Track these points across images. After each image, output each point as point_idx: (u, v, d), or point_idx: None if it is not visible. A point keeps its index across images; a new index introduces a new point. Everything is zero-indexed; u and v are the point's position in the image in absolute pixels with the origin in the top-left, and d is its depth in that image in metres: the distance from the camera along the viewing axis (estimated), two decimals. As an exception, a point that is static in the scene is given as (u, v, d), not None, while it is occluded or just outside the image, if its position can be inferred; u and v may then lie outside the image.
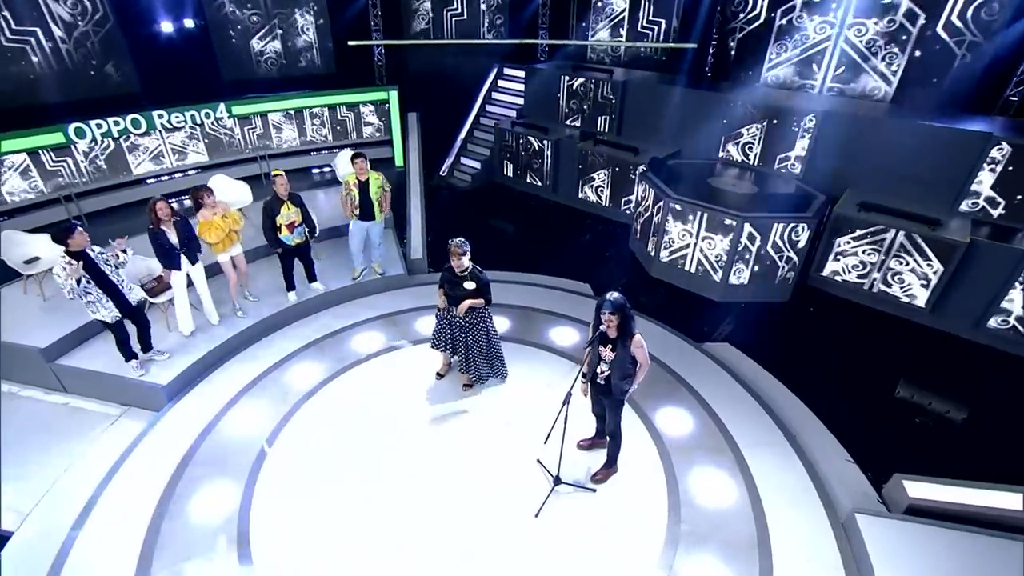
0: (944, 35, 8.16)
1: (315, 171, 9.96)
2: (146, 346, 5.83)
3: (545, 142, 9.95)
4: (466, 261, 5.09)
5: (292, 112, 9.77)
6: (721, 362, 6.31)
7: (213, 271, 6.60)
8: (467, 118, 11.59)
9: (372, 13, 11.49)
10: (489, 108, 11.63)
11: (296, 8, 10.76)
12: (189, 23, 9.95)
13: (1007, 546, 4.16)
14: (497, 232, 9.55)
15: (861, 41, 8.75)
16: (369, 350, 6.47)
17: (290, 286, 6.92)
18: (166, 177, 9.26)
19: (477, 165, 11.10)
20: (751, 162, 8.79)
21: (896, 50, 8.54)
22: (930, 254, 6.75)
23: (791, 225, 7.04)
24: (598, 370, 4.50)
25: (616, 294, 4.26)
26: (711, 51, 10.33)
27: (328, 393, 5.89)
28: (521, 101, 11.23)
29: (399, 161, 10.40)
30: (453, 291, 5.26)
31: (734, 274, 7.41)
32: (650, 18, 10.77)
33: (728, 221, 7.14)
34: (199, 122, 9.23)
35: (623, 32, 11.17)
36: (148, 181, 9.05)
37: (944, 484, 4.70)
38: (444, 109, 11.43)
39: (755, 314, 7.37)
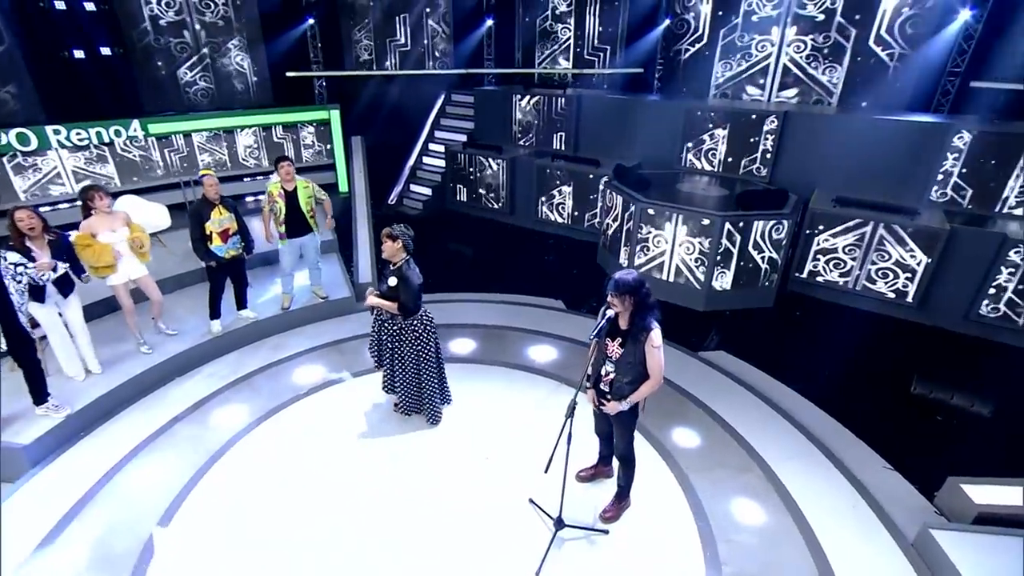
0: (876, 48, 8.06)
1: (249, 199, 8.62)
2: (38, 396, 4.31)
3: (500, 162, 9.12)
4: (390, 250, 3.96)
5: (221, 133, 8.48)
6: (724, 370, 5.36)
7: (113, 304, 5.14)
8: (415, 145, 10.67)
9: (311, 44, 10.57)
10: (438, 134, 10.76)
11: (229, 38, 9.70)
12: (106, 50, 8.67)
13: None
14: (455, 256, 8.47)
15: (801, 56, 8.57)
16: (310, 384, 5.11)
17: (215, 312, 5.52)
18: (65, 205, 7.64)
19: (428, 191, 10.10)
20: (716, 169, 8.23)
21: (834, 63, 8.39)
22: (912, 245, 6.20)
23: (771, 223, 6.36)
24: (602, 372, 3.41)
25: (632, 272, 3.24)
26: (657, 74, 10.00)
27: (257, 439, 4.47)
28: (471, 125, 10.45)
29: (343, 187, 9.25)
30: (379, 287, 4.14)
31: (716, 279, 6.60)
32: (595, 45, 10.39)
33: (706, 222, 6.39)
34: (107, 140, 7.78)
35: (569, 60, 10.74)
36: (40, 209, 7.39)
37: (1008, 485, 3.83)
38: (391, 137, 10.49)
39: (741, 321, 6.54)
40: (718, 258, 6.48)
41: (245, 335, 5.66)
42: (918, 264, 6.23)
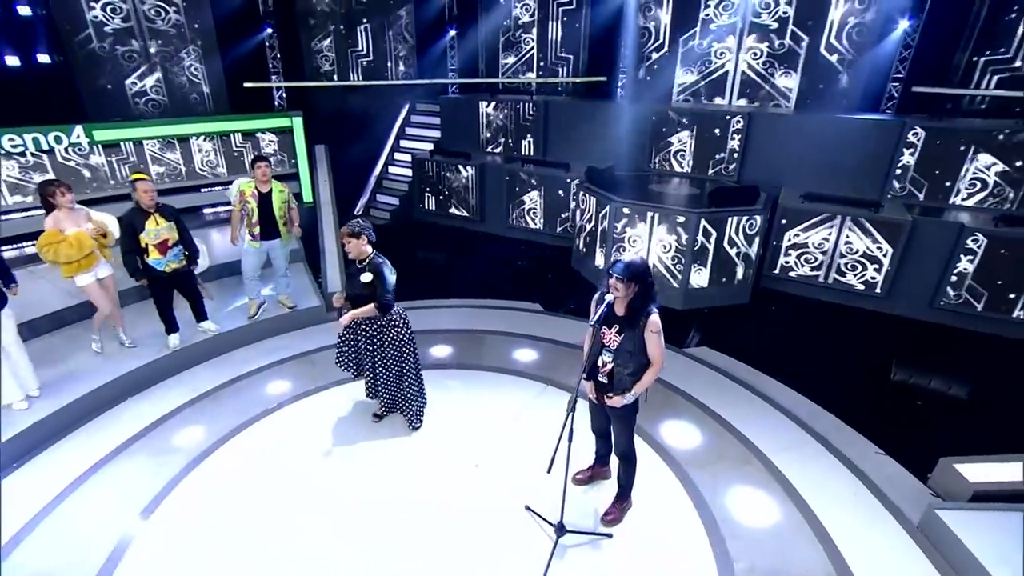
0: (827, 54, 8.31)
1: (207, 210, 8.07)
2: None
3: (469, 168, 8.90)
4: (365, 247, 3.68)
5: (175, 141, 7.93)
6: (711, 365, 5.24)
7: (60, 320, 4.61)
8: (381, 155, 10.35)
9: (270, 55, 10.17)
10: (404, 143, 10.48)
11: (182, 47, 9.20)
12: (44, 58, 8.05)
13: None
14: (426, 264, 8.15)
15: (758, 63, 8.75)
16: (281, 396, 4.70)
17: (171, 327, 5.04)
18: (-5, 216, 6.90)
19: (395, 201, 9.77)
20: (685, 170, 8.25)
21: (789, 69, 8.60)
22: (878, 236, 6.31)
23: (745, 218, 6.35)
24: (598, 362, 3.20)
25: (638, 256, 3.06)
26: (620, 82, 10.04)
27: (224, 458, 4.04)
28: (438, 134, 10.22)
29: (307, 196, 8.81)
30: (350, 287, 3.83)
31: (693, 277, 6.54)
32: (559, 54, 10.38)
33: (682, 219, 6.33)
34: (46, 148, 7.15)
35: (534, 69, 10.68)
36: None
37: (999, 462, 3.80)
38: (355, 148, 10.12)
39: (719, 318, 6.47)
40: (695, 255, 6.42)
41: (207, 349, 5.19)
42: (884, 255, 6.33)
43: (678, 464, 3.98)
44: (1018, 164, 6.32)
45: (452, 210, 9.38)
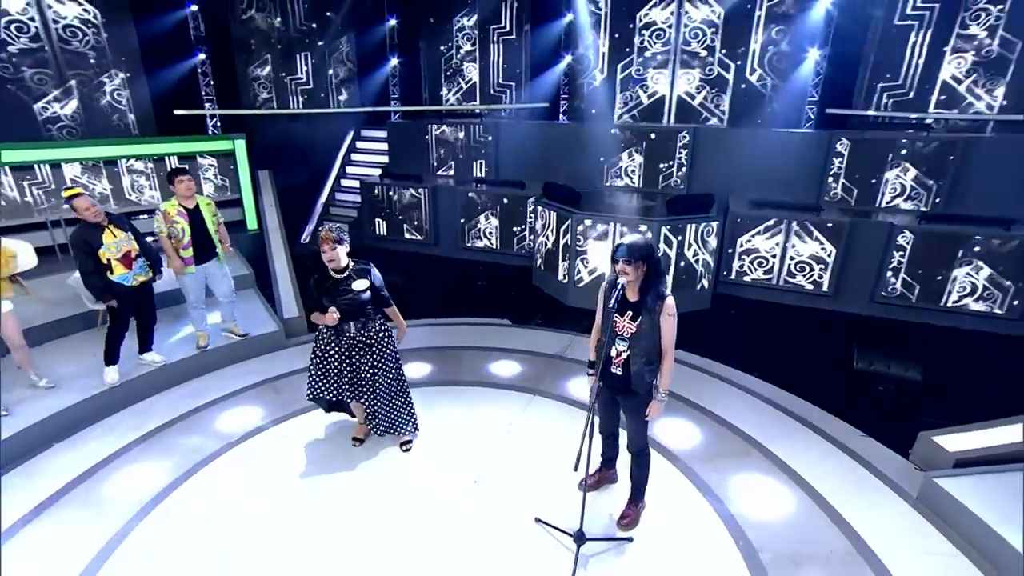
0: (751, 79, 8.97)
1: (148, 239, 7.26)
2: None
3: (421, 191, 8.70)
4: (343, 256, 3.41)
5: (101, 164, 7.16)
6: (692, 365, 5.24)
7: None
8: (326, 182, 9.94)
9: (203, 81, 9.62)
10: (350, 170, 10.14)
11: (102, 70, 8.50)
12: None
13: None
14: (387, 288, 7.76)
15: (692, 87, 9.29)
16: (243, 429, 4.17)
17: (112, 358, 4.40)
18: None
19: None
20: (637, 184, 8.49)
21: (720, 93, 9.19)
22: (822, 238, 6.70)
23: (703, 225, 6.56)
24: (612, 353, 3.05)
25: (640, 236, 2.98)
26: (563, 108, 10.31)
27: (177, 504, 3.48)
28: (385, 159, 9.97)
29: (252, 223, 8.22)
30: (340, 301, 3.43)
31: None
32: (500, 82, 10.54)
33: (643, 227, 6.44)
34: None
35: (477, 96, 10.76)
36: None
37: (973, 431, 3.98)
38: (298, 176, 9.64)
39: (684, 323, 6.53)
40: (657, 263, 6.52)
41: (151, 383, 4.57)
42: (829, 256, 6.72)
43: (681, 461, 3.87)
44: (926, 169, 7.03)
45: (405, 234, 9.10)
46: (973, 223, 6.29)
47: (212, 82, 9.67)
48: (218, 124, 9.83)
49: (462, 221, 8.70)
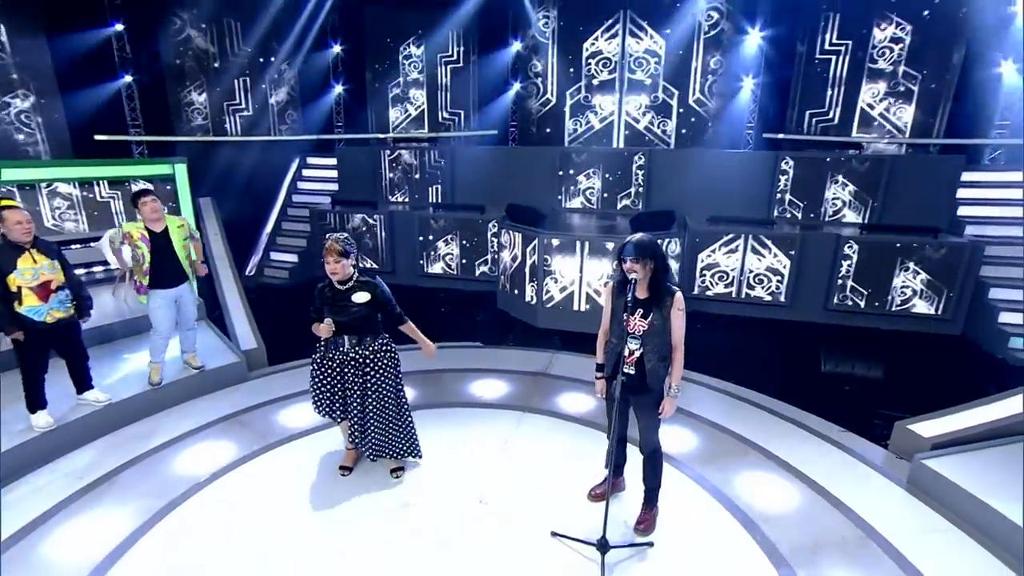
0: (694, 105, 9.69)
1: (79, 270, 6.61)
2: None
3: (376, 217, 8.59)
4: (347, 268, 3.34)
5: (14, 188, 6.51)
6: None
7: None
8: (271, 211, 9.59)
9: (128, 105, 9.15)
10: (296, 198, 9.86)
11: (8, 91, 7.89)
12: None
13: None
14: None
15: (639, 113, 9.88)
16: (213, 467, 3.84)
17: (37, 402, 3.93)
18: None
19: (294, 258, 9.02)
20: (595, 206, 8.81)
21: (665, 118, 9.84)
22: (776, 250, 7.21)
23: (667, 241, 6.88)
24: (624, 352, 3.10)
25: (644, 233, 3.09)
26: (511, 135, 10.61)
27: (149, 551, 3.13)
28: (335, 187, 9.80)
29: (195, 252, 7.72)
30: (340, 314, 3.35)
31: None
32: (449, 110, 10.74)
33: (610, 245, 6.67)
34: None
35: (424, 124, 10.88)
36: None
37: (942, 416, 4.34)
38: (240, 205, 9.21)
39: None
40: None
41: (95, 425, 4.13)
42: (784, 267, 7.23)
43: (684, 464, 3.94)
44: (861, 185, 7.81)
45: (360, 262, 8.90)
46: (907, 233, 7.01)
47: (138, 106, 9.24)
48: (144, 151, 9.34)
49: (420, 247, 8.64)
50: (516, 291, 7.47)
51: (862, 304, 7.14)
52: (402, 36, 10.39)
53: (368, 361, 3.45)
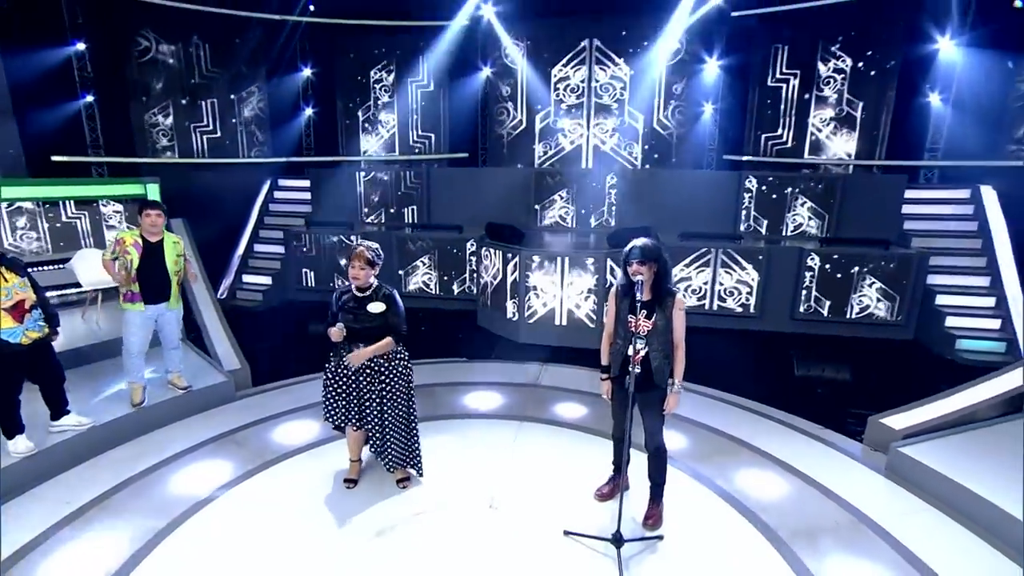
0: (658, 128, 10.22)
1: (52, 294, 6.30)
2: None
3: (354, 238, 8.60)
4: (370, 277, 3.45)
5: None
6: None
7: None
8: (242, 234, 9.43)
9: (88, 126, 8.92)
10: (268, 220, 9.74)
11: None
12: None
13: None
14: (324, 341, 7.44)
15: (605, 136, 10.33)
16: (212, 486, 3.76)
17: (14, 426, 3.76)
18: None
19: (267, 280, 8.87)
20: (570, 224, 9.09)
21: (631, 140, 10.32)
22: (744, 263, 7.63)
23: (643, 255, 7.19)
24: (629, 352, 3.28)
25: (646, 237, 3.31)
26: (482, 157, 10.86)
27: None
28: (308, 208, 9.76)
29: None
30: (353, 321, 3.42)
31: (607, 315, 7.06)
32: (420, 133, 10.92)
33: (590, 260, 6.93)
34: None
35: (395, 147, 11.01)
36: None
37: (910, 409, 4.70)
38: (208, 228, 9.00)
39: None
40: (606, 295, 6.99)
41: (76, 450, 3.96)
42: (752, 280, 7.66)
43: (681, 461, 4.12)
44: (818, 202, 8.41)
45: (336, 283, 8.84)
46: (860, 245, 7.58)
47: (99, 127, 9.01)
48: (104, 173, 9.08)
49: (398, 267, 8.68)
50: (496, 309, 7.60)
51: (825, 312, 7.62)
52: (372, 61, 10.59)
53: (383, 370, 3.50)
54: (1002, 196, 7.87)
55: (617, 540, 3.14)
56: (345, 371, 3.50)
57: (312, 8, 9.56)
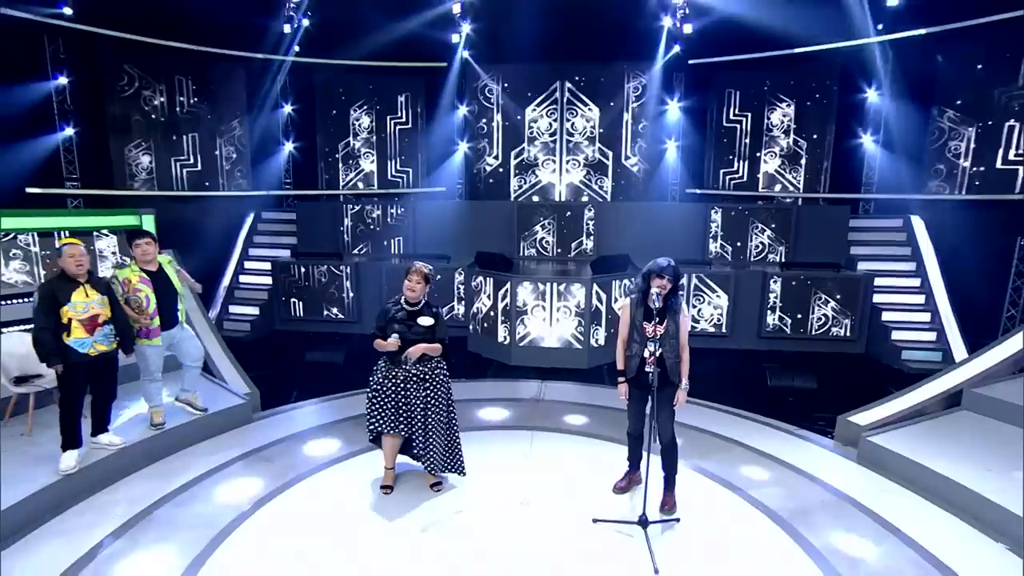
0: (626, 164, 11.08)
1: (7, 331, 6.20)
2: None
3: (343, 268, 8.86)
4: (424, 293, 3.88)
5: None
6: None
7: None
8: (227, 265, 9.51)
9: (65, 159, 8.93)
10: (253, 251, 9.87)
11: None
12: None
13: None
14: (325, 366, 7.68)
15: (578, 171, 11.10)
16: (251, 498, 3.96)
17: (74, 439, 3.93)
18: None
19: (255, 311, 8.96)
20: (551, 253, 9.67)
21: (602, 175, 11.12)
22: (715, 287, 8.38)
23: (624, 281, 7.82)
24: (644, 355, 3.78)
25: (666, 258, 3.86)
26: (458, 192, 11.40)
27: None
28: (294, 240, 9.96)
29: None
30: (406, 332, 3.80)
31: (593, 337, 7.59)
32: (398, 168, 11.39)
33: (576, 286, 7.48)
34: None
35: (375, 182, 11.41)
36: None
37: (872, 408, 5.39)
38: (191, 261, 9.06)
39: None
40: (592, 317, 7.54)
41: (111, 468, 4.08)
42: (722, 301, 8.40)
43: (685, 459, 4.54)
44: (776, 231, 9.35)
45: (324, 312, 9.04)
46: (815, 268, 8.48)
47: (76, 159, 9.03)
48: (80, 205, 9.07)
49: (387, 295, 8.96)
50: (487, 334, 8.00)
51: (788, 330, 8.42)
52: (353, 99, 11.07)
53: (428, 379, 3.86)
54: (928, 225, 9.02)
55: (643, 522, 3.57)
56: (392, 379, 3.84)
57: (296, 49, 9.99)
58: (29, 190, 8.49)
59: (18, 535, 3.49)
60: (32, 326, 3.87)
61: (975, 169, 8.49)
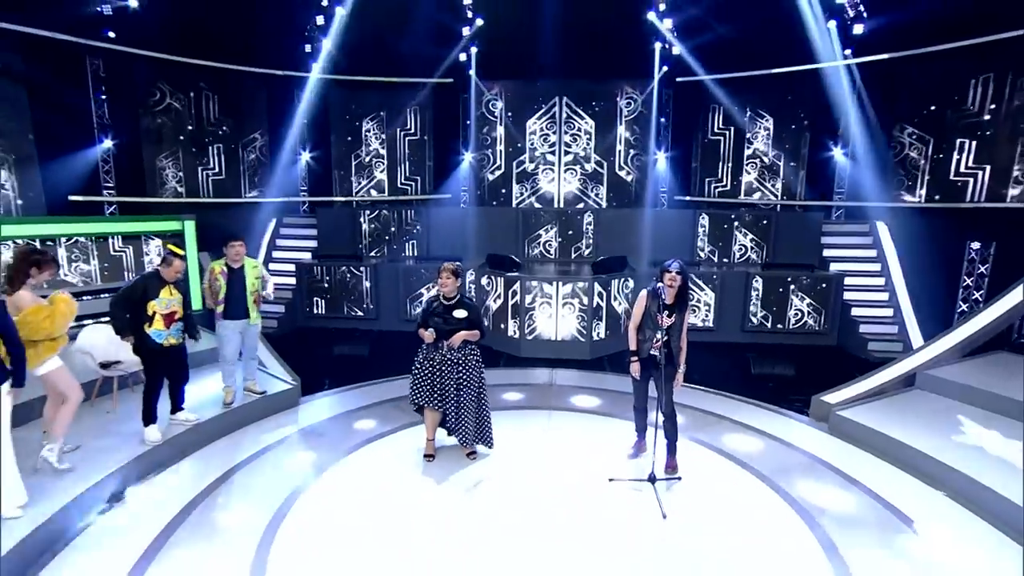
0: (620, 173, 11.71)
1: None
2: None
3: (363, 269, 9.38)
4: (455, 287, 4.43)
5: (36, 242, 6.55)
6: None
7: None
8: (252, 266, 9.98)
9: (103, 168, 9.35)
10: (276, 254, 10.35)
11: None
12: None
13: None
14: (352, 358, 8.21)
15: (576, 180, 11.70)
16: (316, 466, 4.50)
17: (151, 415, 4.45)
18: None
19: (280, 308, 9.44)
20: (554, 256, 10.26)
21: (598, 184, 11.75)
22: (704, 286, 9.03)
23: (622, 280, 8.44)
24: (654, 339, 4.38)
25: (676, 259, 4.47)
26: (463, 199, 11.94)
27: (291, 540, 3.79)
28: (311, 244, 10.46)
29: (197, 303, 7.93)
30: (442, 324, 4.38)
31: (594, 331, 8.19)
32: (407, 176, 11.91)
33: (581, 284, 8.07)
34: None
35: (385, 189, 11.92)
36: None
37: (841, 388, 6.05)
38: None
39: (616, 362, 8.14)
40: (594, 313, 8.14)
41: (187, 441, 4.60)
42: (709, 299, 9.05)
43: (682, 432, 5.12)
44: (756, 235, 10.04)
45: (345, 310, 9.55)
46: (791, 268, 9.16)
47: (113, 169, 9.46)
48: (115, 211, 9.49)
49: (404, 294, 9.52)
50: (498, 329, 8.57)
51: (768, 325, 9.09)
52: (365, 112, 11.59)
53: (461, 362, 4.42)
54: (891, 230, 9.75)
55: (652, 479, 4.17)
56: (430, 361, 4.39)
57: (315, 66, 10.51)
58: (72, 198, 8.93)
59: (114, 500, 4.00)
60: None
61: (931, 180, 9.23)
